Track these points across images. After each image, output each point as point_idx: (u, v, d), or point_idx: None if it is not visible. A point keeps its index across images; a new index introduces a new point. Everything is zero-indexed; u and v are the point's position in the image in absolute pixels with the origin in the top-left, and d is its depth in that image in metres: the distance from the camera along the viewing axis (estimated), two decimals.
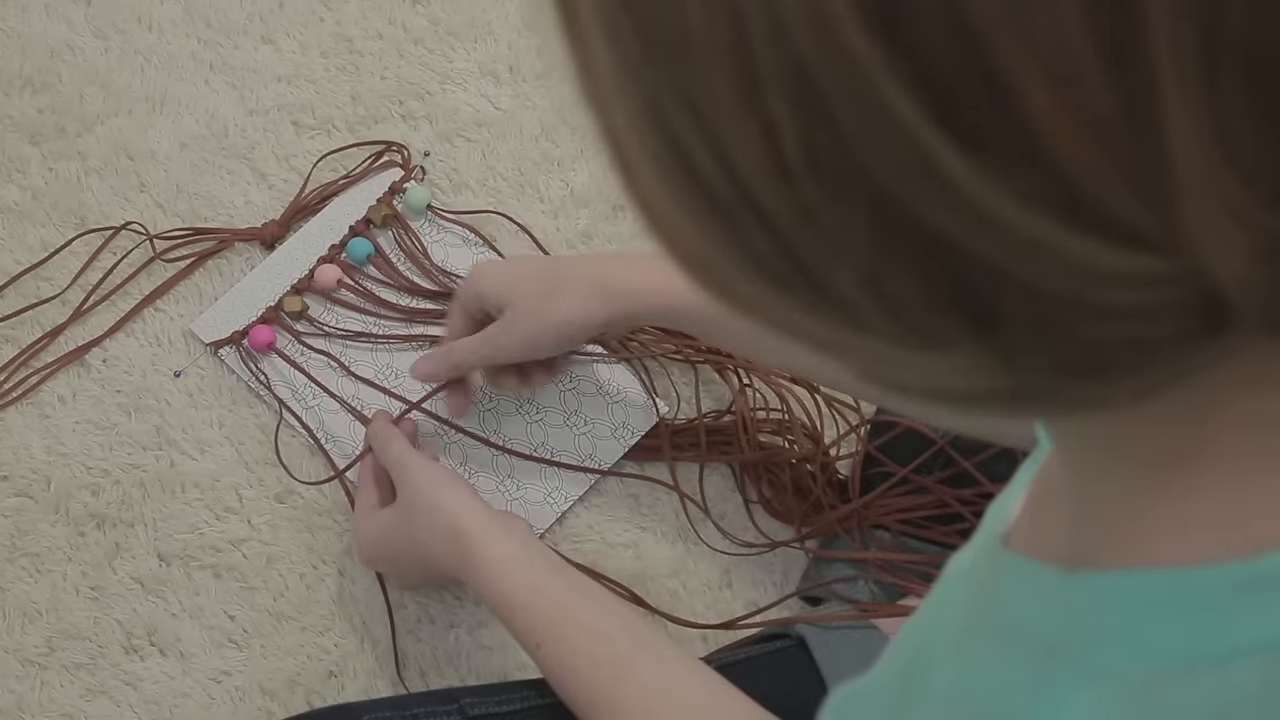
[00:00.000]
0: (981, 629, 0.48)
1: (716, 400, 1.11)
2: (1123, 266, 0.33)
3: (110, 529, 1.07)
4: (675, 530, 1.08)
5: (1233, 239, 0.32)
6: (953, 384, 0.38)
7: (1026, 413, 0.39)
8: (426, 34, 1.23)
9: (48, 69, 1.21)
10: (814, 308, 0.36)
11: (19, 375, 1.11)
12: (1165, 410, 0.40)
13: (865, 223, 0.33)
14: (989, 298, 0.34)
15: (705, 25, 0.31)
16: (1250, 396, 0.39)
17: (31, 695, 1.03)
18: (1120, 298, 0.34)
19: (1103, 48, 0.30)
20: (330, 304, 1.13)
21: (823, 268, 0.35)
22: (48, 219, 1.16)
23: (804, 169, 0.33)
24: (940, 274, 0.34)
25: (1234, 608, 0.41)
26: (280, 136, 1.20)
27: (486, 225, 1.17)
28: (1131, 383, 0.37)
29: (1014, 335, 0.35)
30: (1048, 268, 0.33)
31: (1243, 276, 0.33)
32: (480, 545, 0.88)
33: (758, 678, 0.91)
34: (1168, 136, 0.31)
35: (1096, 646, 0.43)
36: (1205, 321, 0.34)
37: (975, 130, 0.31)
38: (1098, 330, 0.35)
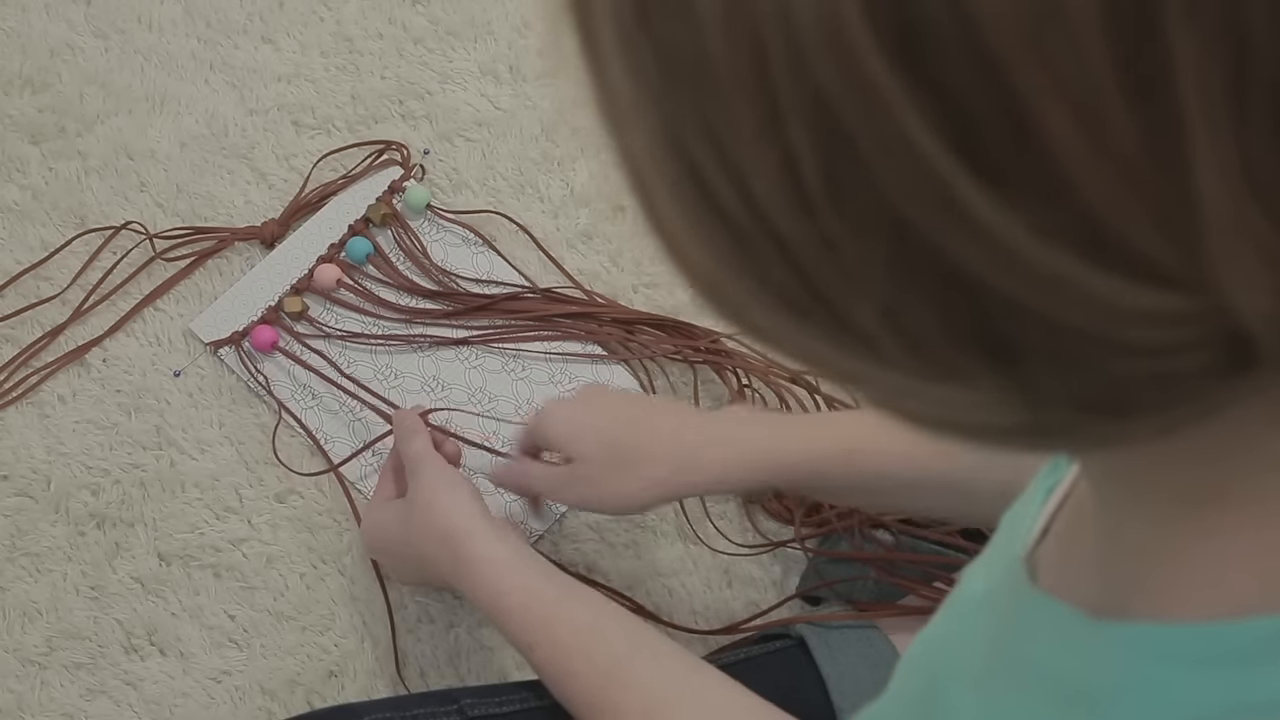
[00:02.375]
0: (1005, 668, 0.48)
1: (716, 400, 1.11)
2: (1146, 304, 0.32)
3: (110, 529, 1.07)
4: (675, 530, 1.08)
5: (1259, 277, 0.31)
6: (971, 418, 0.37)
7: (1045, 448, 0.39)
8: (426, 34, 1.23)
9: (48, 69, 1.21)
10: (833, 338, 0.36)
11: (19, 375, 1.11)
12: (1191, 448, 0.39)
13: (885, 255, 0.33)
14: (1010, 333, 0.34)
15: (726, 54, 0.31)
16: (1276, 435, 0.38)
17: (31, 695, 1.03)
18: (1144, 335, 0.33)
19: (1127, 83, 0.29)
20: (330, 303, 1.13)
21: (842, 299, 0.34)
22: (48, 219, 1.16)
23: (824, 200, 0.32)
24: (960, 308, 0.34)
25: (1261, 663, 0.41)
26: (280, 136, 1.20)
27: (486, 225, 1.17)
28: (1154, 420, 0.36)
29: (1035, 370, 0.35)
30: (1069, 304, 0.33)
31: (1269, 315, 0.32)
32: (471, 545, 0.88)
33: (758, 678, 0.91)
34: (1194, 174, 0.30)
35: (1121, 699, 0.43)
36: (1230, 360, 0.34)
37: (997, 164, 0.31)
38: (1120, 367, 0.34)
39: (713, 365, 1.11)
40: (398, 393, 1.10)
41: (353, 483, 1.08)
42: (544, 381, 1.11)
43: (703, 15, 0.31)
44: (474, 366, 1.11)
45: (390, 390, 1.10)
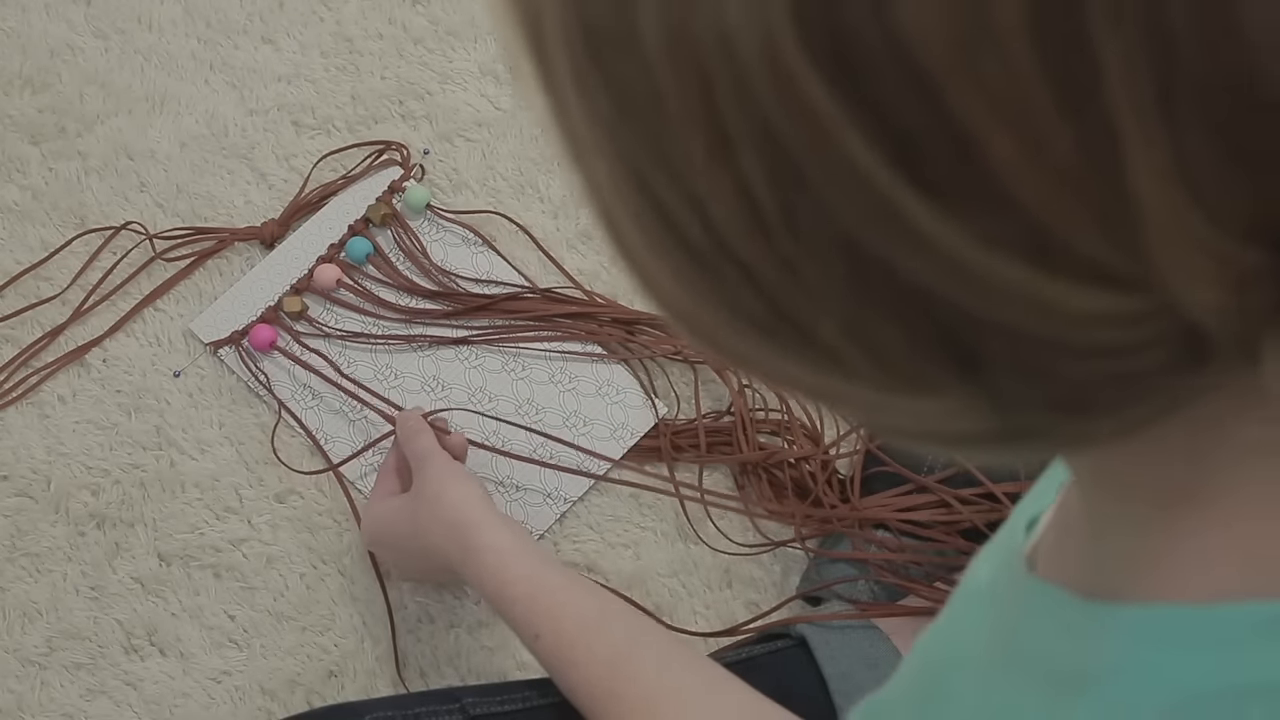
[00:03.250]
0: (1003, 654, 0.49)
1: (716, 400, 1.11)
2: (1098, 307, 0.33)
3: (110, 529, 1.07)
4: (675, 530, 1.08)
5: (1205, 274, 0.32)
6: (944, 427, 0.38)
7: (1019, 451, 0.40)
8: (426, 34, 1.23)
9: (48, 69, 1.21)
10: (803, 358, 0.37)
11: (19, 375, 1.11)
12: (1164, 446, 0.40)
13: (842, 273, 0.34)
14: (970, 342, 0.35)
15: (674, 87, 0.32)
16: (1246, 426, 0.39)
17: (31, 695, 1.03)
18: (1098, 337, 0.34)
19: (1059, 94, 0.30)
20: (329, 303, 1.13)
21: (806, 319, 0.35)
22: (48, 219, 1.16)
23: (779, 223, 0.33)
24: (920, 321, 0.34)
25: (1252, 646, 0.41)
26: (280, 136, 1.20)
27: (486, 225, 1.17)
28: (1120, 418, 0.37)
29: (999, 378, 0.35)
30: (1022, 311, 0.33)
31: (1217, 309, 0.33)
32: (480, 534, 0.89)
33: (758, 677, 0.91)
34: (1131, 178, 0.31)
35: (1115, 679, 0.43)
36: (1187, 355, 0.34)
37: (938, 179, 0.31)
38: (1080, 370, 0.35)
39: (713, 365, 1.11)
40: (398, 393, 1.10)
41: (352, 482, 1.08)
42: (544, 381, 1.11)
43: (649, 50, 0.32)
44: (474, 366, 1.11)
45: (390, 390, 1.10)
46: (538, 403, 1.10)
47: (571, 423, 1.09)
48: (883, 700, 0.55)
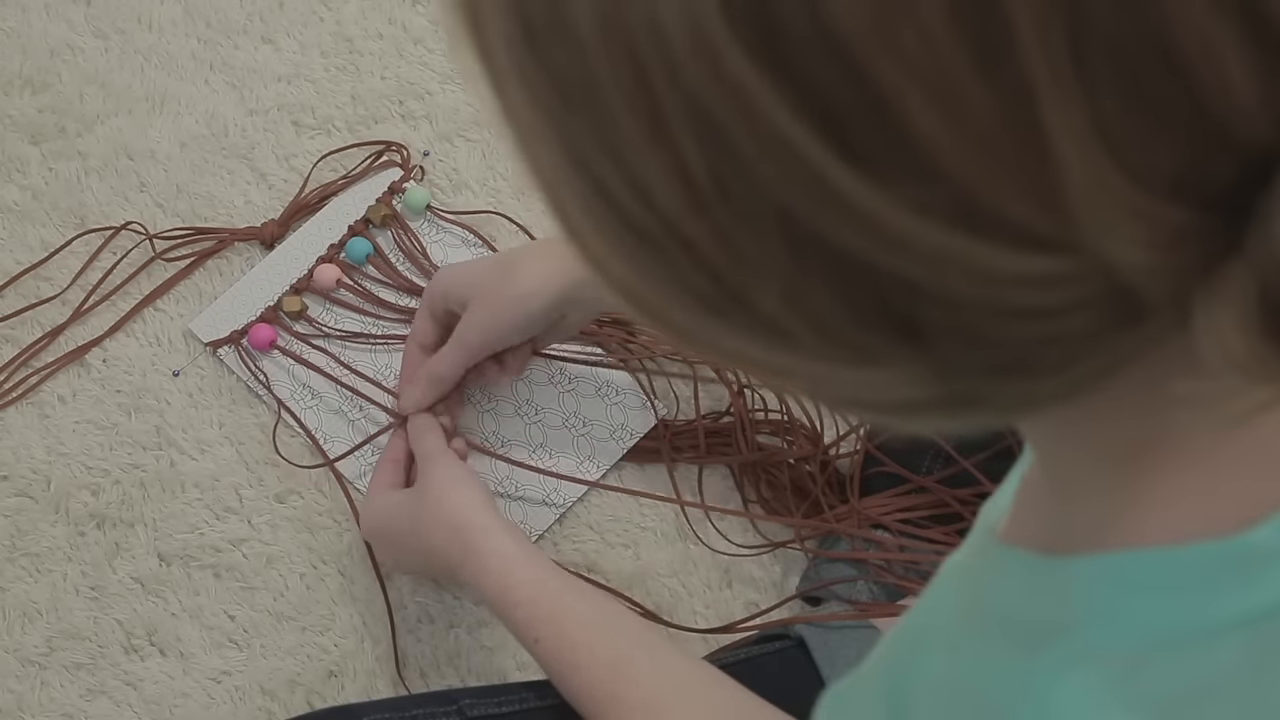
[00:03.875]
0: (970, 620, 0.49)
1: (715, 401, 1.11)
2: (1030, 269, 0.34)
3: (110, 529, 1.07)
4: (675, 530, 1.08)
5: (1131, 233, 0.33)
6: (892, 396, 0.39)
7: (968, 418, 0.40)
8: (426, 34, 1.23)
9: (48, 69, 1.21)
10: (749, 332, 0.38)
11: (19, 375, 1.11)
12: (1112, 407, 0.41)
13: (779, 245, 0.35)
14: (908, 309, 0.35)
15: (608, 71, 0.33)
16: (1188, 381, 0.40)
17: (31, 695, 1.03)
18: (1033, 300, 0.34)
19: (974, 57, 0.31)
20: (329, 304, 1.13)
21: (748, 291, 0.36)
22: (48, 219, 1.16)
23: (715, 198, 0.34)
24: (858, 290, 0.35)
25: (1216, 584, 0.42)
26: (280, 136, 1.20)
27: (486, 225, 1.17)
28: (1061, 379, 0.38)
29: (940, 344, 0.36)
30: (956, 277, 0.34)
31: (1144, 266, 0.34)
32: (483, 538, 0.89)
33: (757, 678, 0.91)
34: (1050, 139, 0.31)
35: (1082, 628, 0.44)
36: (1121, 315, 0.35)
37: (864, 148, 0.32)
38: (1018, 332, 0.36)
39: (712, 365, 1.11)
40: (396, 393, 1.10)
41: (351, 481, 1.08)
42: (544, 382, 1.11)
43: (583, 36, 0.33)
44: None
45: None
46: (537, 403, 1.10)
47: (571, 423, 1.10)
48: (851, 688, 0.55)
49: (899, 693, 0.49)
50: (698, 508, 1.07)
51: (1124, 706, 0.43)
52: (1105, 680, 0.43)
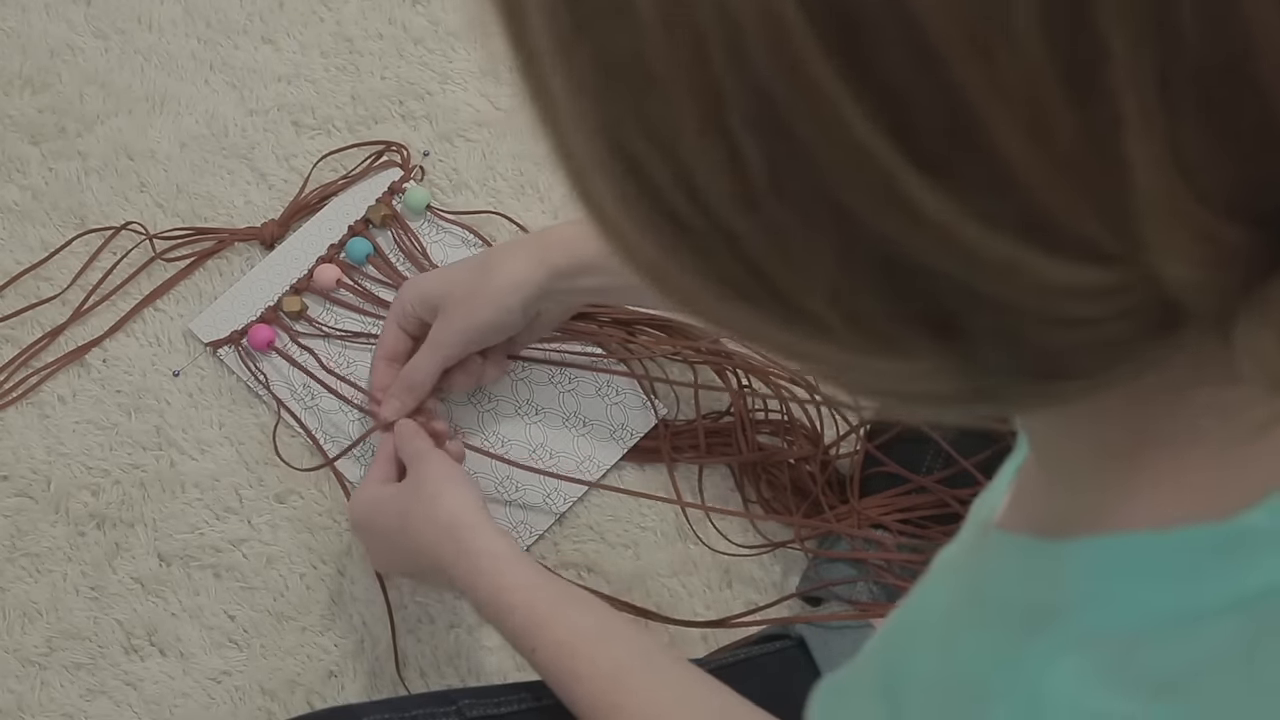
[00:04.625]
0: (964, 609, 0.49)
1: (715, 401, 1.11)
2: (1082, 281, 0.33)
3: (110, 529, 1.07)
4: (675, 530, 1.08)
5: (1190, 252, 0.33)
6: (915, 388, 0.38)
7: (986, 411, 0.40)
8: (426, 34, 1.23)
9: (48, 69, 1.21)
10: (780, 322, 0.37)
11: (19, 375, 1.11)
12: (1125, 403, 0.41)
13: (831, 244, 0.34)
14: (951, 312, 0.35)
15: (666, 53, 0.32)
16: (1210, 387, 0.40)
17: (31, 695, 1.03)
18: (1080, 309, 0.34)
19: (1065, 78, 0.30)
20: (329, 304, 1.13)
21: (790, 288, 0.35)
22: (48, 219, 1.16)
23: (769, 193, 0.33)
24: (905, 291, 0.34)
25: (1211, 568, 0.42)
26: (280, 136, 1.20)
27: (486, 225, 1.17)
28: (1089, 382, 0.37)
29: (975, 344, 0.36)
30: (1008, 285, 0.34)
31: (1194, 283, 0.33)
32: (476, 538, 0.88)
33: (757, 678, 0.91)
34: (1130, 163, 0.31)
35: (1076, 611, 0.44)
36: (1160, 325, 0.35)
37: (938, 156, 0.31)
38: (1056, 338, 0.35)
39: (713, 365, 1.11)
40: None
41: (351, 481, 1.08)
42: (544, 382, 1.11)
43: (642, 16, 0.31)
44: None
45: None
46: (537, 403, 1.10)
47: (571, 424, 1.10)
48: (844, 678, 0.55)
49: (893, 685, 0.49)
50: (698, 508, 1.07)
51: (1116, 690, 0.43)
52: (1098, 664, 0.43)
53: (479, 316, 0.97)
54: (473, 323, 0.97)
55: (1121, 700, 0.42)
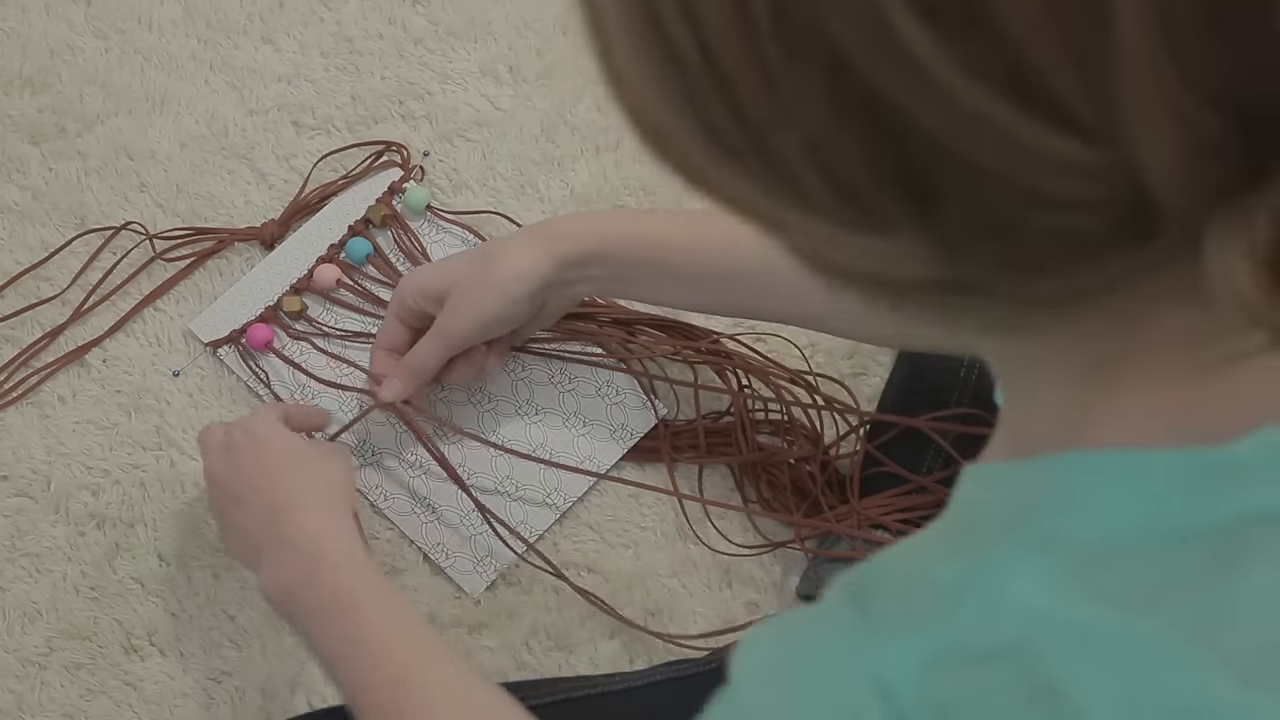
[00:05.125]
0: (936, 527, 0.50)
1: (716, 401, 1.11)
2: (1059, 151, 0.34)
3: (110, 529, 1.07)
4: (675, 530, 1.08)
5: (1165, 130, 0.33)
6: (893, 270, 0.39)
7: (959, 309, 0.41)
8: (426, 34, 1.23)
9: (48, 69, 1.21)
10: (763, 182, 0.38)
11: (19, 375, 1.11)
12: (1097, 327, 0.42)
13: (820, 87, 0.35)
14: (930, 173, 0.36)
15: None
16: (1180, 312, 0.40)
17: (31, 695, 1.03)
18: (1055, 185, 0.35)
19: None
20: (329, 304, 1.13)
21: (773, 133, 0.37)
22: (48, 219, 1.16)
23: (768, 31, 0.35)
24: (885, 144, 0.36)
25: (1186, 492, 0.43)
26: (280, 136, 1.20)
27: (486, 225, 1.17)
28: (1060, 284, 0.38)
29: (952, 219, 0.37)
30: (988, 143, 0.35)
31: (1170, 170, 0.34)
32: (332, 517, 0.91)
33: None
34: (1118, 20, 0.32)
35: (1043, 519, 0.45)
36: (1134, 226, 0.36)
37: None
38: (1032, 219, 0.36)
39: (713, 366, 1.11)
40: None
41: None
42: (544, 382, 1.11)
43: None
44: None
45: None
46: (537, 403, 1.10)
47: (571, 423, 1.10)
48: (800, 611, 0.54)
49: (862, 592, 0.49)
50: (696, 500, 1.07)
51: (1077, 597, 0.43)
52: (1061, 570, 0.44)
53: (485, 307, 0.97)
54: (479, 314, 0.97)
55: (1080, 607, 0.43)
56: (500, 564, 1.06)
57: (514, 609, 1.06)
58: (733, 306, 1.02)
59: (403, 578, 1.06)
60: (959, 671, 0.44)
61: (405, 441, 1.08)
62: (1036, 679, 0.43)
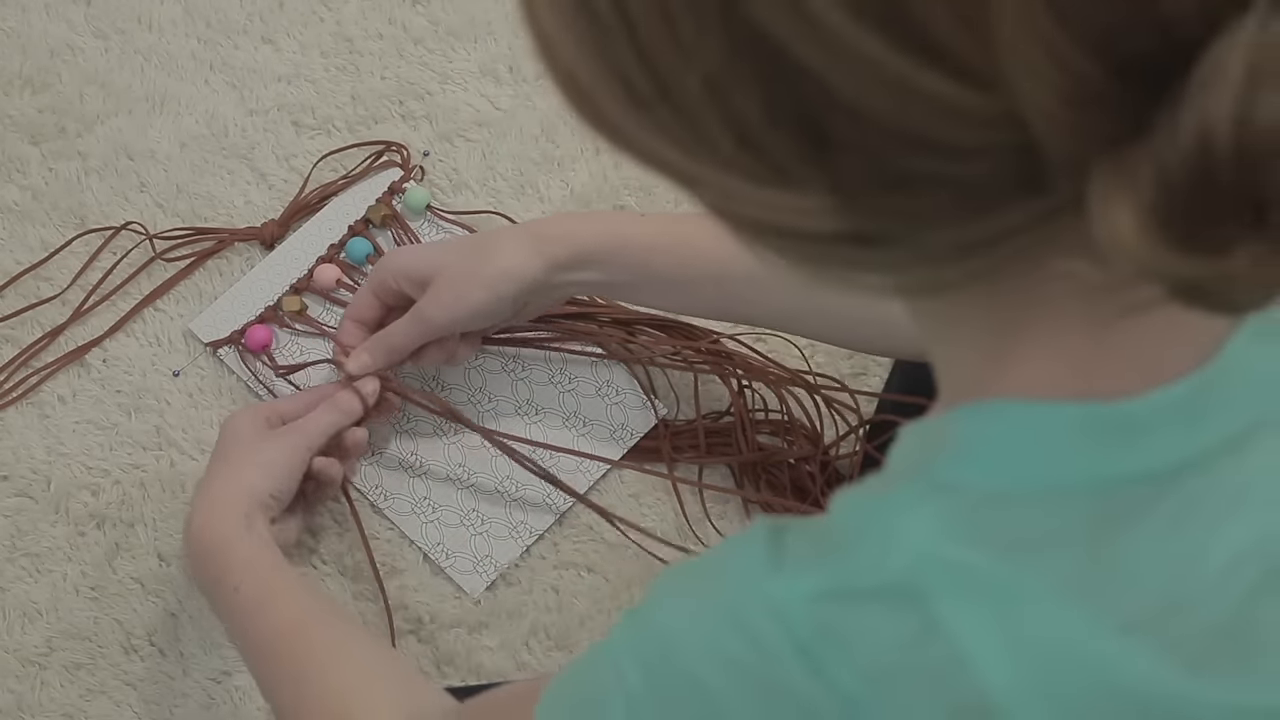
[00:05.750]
0: (859, 487, 0.51)
1: (716, 400, 1.11)
2: (943, 94, 0.35)
3: (110, 529, 1.07)
4: (675, 531, 1.08)
5: (1045, 74, 0.34)
6: (799, 224, 0.40)
7: (863, 264, 0.42)
8: (426, 34, 1.24)
9: (48, 69, 1.21)
10: (669, 131, 0.40)
11: (19, 375, 1.11)
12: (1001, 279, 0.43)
13: (714, 22, 0.37)
14: (821, 118, 0.37)
15: None
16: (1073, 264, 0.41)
17: (31, 695, 1.03)
18: (942, 131, 0.36)
19: None
20: (329, 304, 1.13)
21: (675, 75, 0.39)
22: (48, 219, 1.16)
23: None
24: (777, 86, 0.37)
25: (1077, 445, 0.45)
26: (280, 136, 1.20)
27: (486, 225, 1.17)
28: (957, 234, 0.39)
29: (847, 168, 0.38)
30: (871, 84, 0.36)
31: (1051, 117, 0.35)
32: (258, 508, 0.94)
33: None
34: None
35: (939, 466, 0.47)
36: (1023, 176, 0.37)
37: None
38: (923, 166, 0.37)
39: (712, 365, 1.11)
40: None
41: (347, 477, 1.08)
42: (544, 382, 1.11)
43: None
44: (473, 367, 1.11)
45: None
46: (537, 403, 1.10)
47: (571, 424, 1.10)
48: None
49: (780, 528, 0.51)
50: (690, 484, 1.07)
51: (962, 540, 0.45)
52: (950, 514, 0.45)
53: (471, 300, 0.96)
54: (463, 305, 0.97)
55: (964, 550, 0.45)
56: (500, 564, 1.06)
57: (514, 609, 1.06)
58: (725, 312, 1.02)
59: (403, 578, 1.06)
60: (845, 606, 0.46)
61: (405, 441, 1.08)
62: (920, 618, 0.44)
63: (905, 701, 0.45)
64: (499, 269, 0.95)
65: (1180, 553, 0.44)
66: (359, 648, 0.86)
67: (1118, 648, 0.43)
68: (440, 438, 1.08)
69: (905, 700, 0.45)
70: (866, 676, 0.45)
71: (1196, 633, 0.44)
